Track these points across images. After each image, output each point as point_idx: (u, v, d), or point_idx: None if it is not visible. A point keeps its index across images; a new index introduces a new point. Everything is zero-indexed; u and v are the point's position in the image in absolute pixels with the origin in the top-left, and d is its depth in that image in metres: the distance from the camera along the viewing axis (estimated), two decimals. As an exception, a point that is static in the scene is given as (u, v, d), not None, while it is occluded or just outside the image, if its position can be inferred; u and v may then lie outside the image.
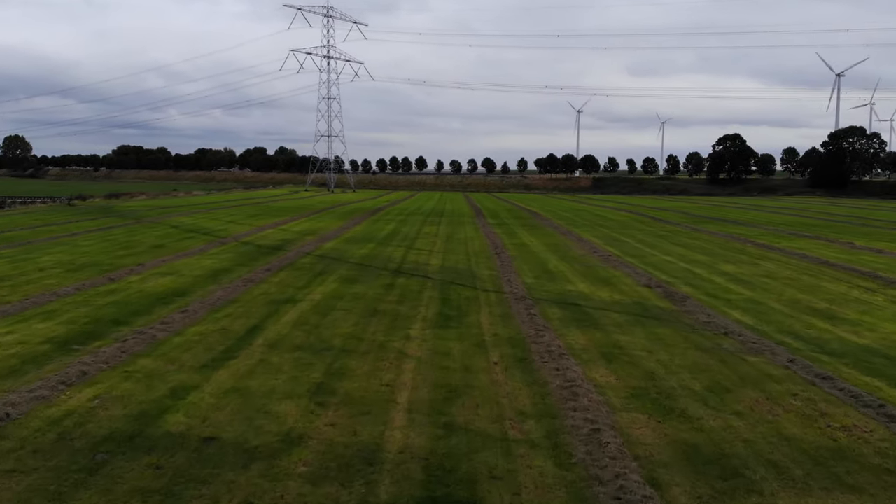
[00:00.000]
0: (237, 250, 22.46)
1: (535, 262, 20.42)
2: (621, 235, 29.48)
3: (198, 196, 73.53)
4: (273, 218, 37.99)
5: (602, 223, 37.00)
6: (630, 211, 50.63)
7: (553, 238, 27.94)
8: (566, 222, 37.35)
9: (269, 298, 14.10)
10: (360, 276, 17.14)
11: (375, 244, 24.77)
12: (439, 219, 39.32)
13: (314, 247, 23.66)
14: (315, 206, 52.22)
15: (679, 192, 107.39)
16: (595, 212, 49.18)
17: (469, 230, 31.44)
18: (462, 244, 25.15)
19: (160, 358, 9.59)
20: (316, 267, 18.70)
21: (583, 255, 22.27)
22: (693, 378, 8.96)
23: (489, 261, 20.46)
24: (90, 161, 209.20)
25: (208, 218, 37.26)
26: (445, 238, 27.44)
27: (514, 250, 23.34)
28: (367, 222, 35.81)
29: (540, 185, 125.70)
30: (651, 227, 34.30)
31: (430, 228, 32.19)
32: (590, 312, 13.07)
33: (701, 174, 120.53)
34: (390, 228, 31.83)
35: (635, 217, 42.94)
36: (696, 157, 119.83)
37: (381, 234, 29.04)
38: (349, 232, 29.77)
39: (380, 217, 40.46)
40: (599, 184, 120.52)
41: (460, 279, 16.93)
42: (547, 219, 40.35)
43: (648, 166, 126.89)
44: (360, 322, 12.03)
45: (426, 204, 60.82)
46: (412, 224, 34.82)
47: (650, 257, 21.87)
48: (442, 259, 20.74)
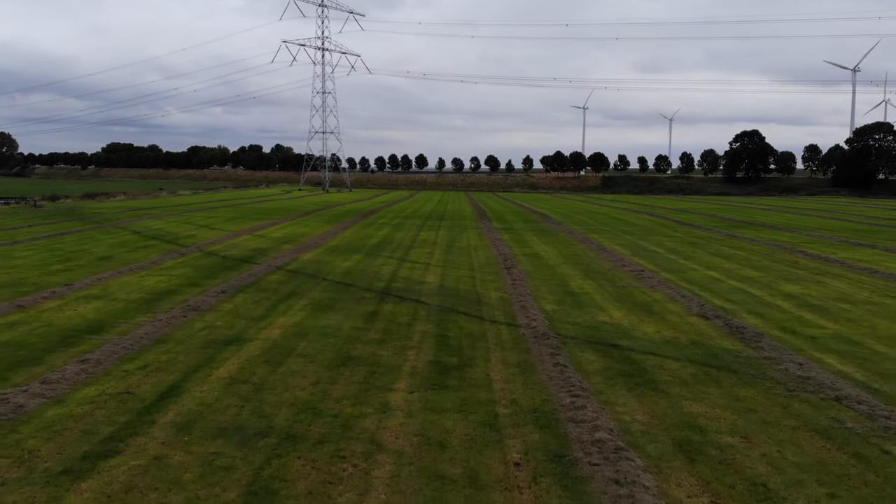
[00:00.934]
0: (196, 263, 19.32)
1: (554, 279, 17.25)
2: (648, 243, 26.29)
3: (181, 196, 70.49)
4: (253, 221, 34.87)
5: (622, 228, 33.81)
6: (649, 213, 47.43)
7: (570, 247, 24.75)
8: (582, 227, 34.16)
9: (210, 337, 10.95)
10: (336, 301, 13.98)
11: (363, 255, 21.61)
12: (439, 223, 36.17)
13: (290, 258, 20.51)
14: (304, 208, 49.11)
15: (694, 191, 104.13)
16: (611, 214, 45.98)
17: (472, 237, 28.29)
18: (465, 255, 21.99)
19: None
20: (284, 287, 15.54)
21: (609, 269, 19.09)
22: (833, 499, 5.77)
23: (497, 278, 17.30)
24: (78, 159, 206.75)
25: (180, 222, 34.15)
26: (445, 247, 24.28)
27: (527, 263, 20.17)
28: (358, 227, 32.67)
29: (546, 185, 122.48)
30: (679, 233, 31.11)
31: (428, 234, 29.03)
32: (638, 360, 9.89)
33: (717, 173, 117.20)
34: (383, 235, 28.68)
35: (657, 220, 39.73)
36: (712, 155, 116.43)
37: (371, 241, 25.88)
38: (335, 239, 26.63)
39: (373, 220, 37.31)
40: (609, 183, 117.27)
41: (462, 305, 13.77)
42: (559, 222, 37.17)
43: (661, 164, 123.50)
44: (324, 378, 8.87)
45: (425, 205, 57.69)
46: (408, 229, 31.67)
47: (691, 272, 18.68)
48: (440, 275, 17.58)
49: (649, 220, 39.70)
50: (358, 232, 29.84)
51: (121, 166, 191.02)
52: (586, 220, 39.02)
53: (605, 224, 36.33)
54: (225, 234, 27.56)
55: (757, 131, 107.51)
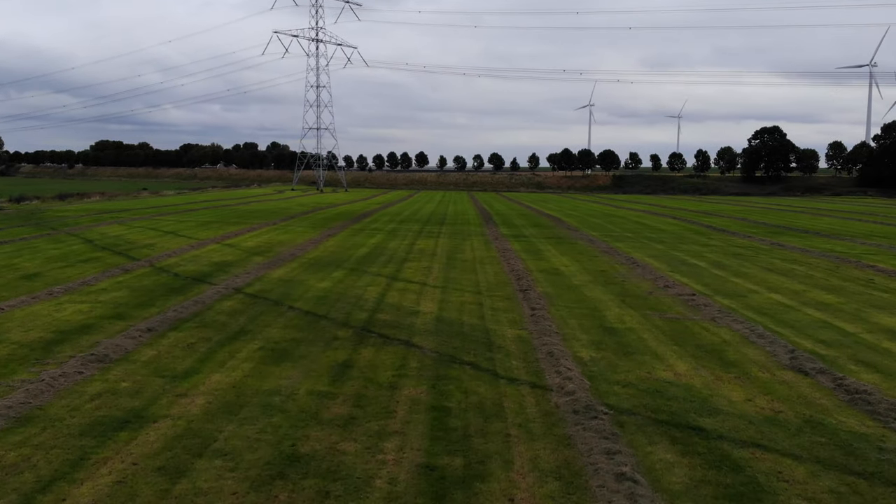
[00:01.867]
0: (137, 284, 16.05)
1: (583, 306, 13.96)
2: (685, 254, 22.97)
3: (163, 196, 67.32)
4: (229, 227, 31.61)
5: (649, 235, 30.49)
6: (672, 216, 44.09)
7: (594, 260, 21.45)
8: (602, 233, 30.84)
9: (100, 413, 7.68)
10: (297, 344, 10.71)
11: (346, 272, 18.33)
12: (439, 228, 32.88)
13: (255, 276, 17.23)
14: (291, 210, 45.86)
15: (711, 191, 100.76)
16: (631, 217, 42.65)
17: (477, 246, 25.00)
18: (469, 271, 18.70)
19: None
20: (234, 321, 12.27)
21: (650, 291, 15.79)
22: None
23: (511, 304, 14.01)
24: (65, 157, 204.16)
25: (145, 227, 30.90)
26: (446, 260, 21.01)
27: (546, 282, 16.87)
28: (347, 233, 29.39)
29: (554, 184, 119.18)
30: (715, 241, 27.78)
31: (426, 243, 25.75)
32: (741, 462, 6.58)
33: (734, 172, 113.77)
34: (373, 243, 25.40)
35: (684, 225, 36.38)
36: (729, 153, 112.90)
37: (359, 252, 22.60)
38: (317, 249, 23.35)
39: (365, 225, 34.04)
40: (620, 182, 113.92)
41: (468, 349, 10.49)
42: (574, 228, 33.86)
43: (675, 163, 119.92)
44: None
45: (425, 206, 54.41)
46: (403, 236, 28.39)
47: (752, 296, 15.36)
48: (439, 302, 14.30)
49: (675, 225, 36.36)
50: (345, 240, 26.56)
51: (109, 165, 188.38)
52: (605, 225, 35.70)
53: (628, 230, 33.01)
54: (189, 244, 24.29)
55: (777, 128, 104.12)
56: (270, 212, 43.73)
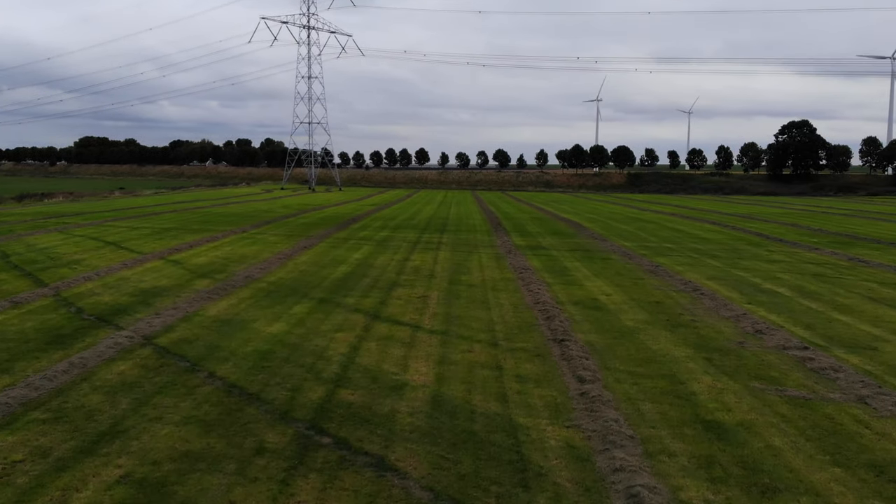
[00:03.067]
0: (15, 327, 11.78)
1: (654, 371, 9.66)
2: (753, 275, 18.64)
3: (136, 197, 63.16)
4: (188, 235, 27.36)
5: (694, 245, 26.15)
6: (709, 221, 39.72)
7: (641, 284, 17.13)
8: (636, 243, 26.51)
9: None
10: (186, 472, 6.42)
11: (311, 305, 14.04)
12: (439, 237, 28.60)
13: (184, 313, 12.95)
14: (272, 213, 41.59)
15: (735, 190, 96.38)
16: (662, 222, 38.30)
17: (487, 262, 20.71)
18: (479, 304, 14.41)
19: None
20: (113, 406, 7.98)
21: (741, 342, 11.46)
22: None
23: (546, 370, 9.71)
24: (46, 154, 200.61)
25: (85, 237, 26.65)
26: (447, 284, 16.72)
27: (588, 324, 12.57)
28: (327, 244, 25.10)
29: (563, 183, 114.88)
30: (778, 254, 23.45)
31: (422, 258, 21.48)
32: None
33: (759, 169, 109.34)
34: (357, 259, 21.12)
35: (731, 233, 32.01)
36: (753, 149, 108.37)
37: (336, 273, 18.31)
38: (283, 268, 19.07)
39: (352, 233, 29.76)
40: (635, 180, 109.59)
41: (482, 485, 6.20)
42: (600, 235, 29.55)
43: (694, 160, 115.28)
44: None
45: (424, 209, 50.12)
46: (396, 248, 24.11)
47: (885, 347, 11.04)
48: (437, 362, 10.00)
49: (718, 232, 32.02)
50: (323, 254, 22.28)
51: (93, 162, 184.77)
52: (636, 233, 31.37)
53: (666, 239, 28.66)
54: (124, 260, 20.03)
55: (807, 122, 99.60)
56: (246, 215, 39.47)
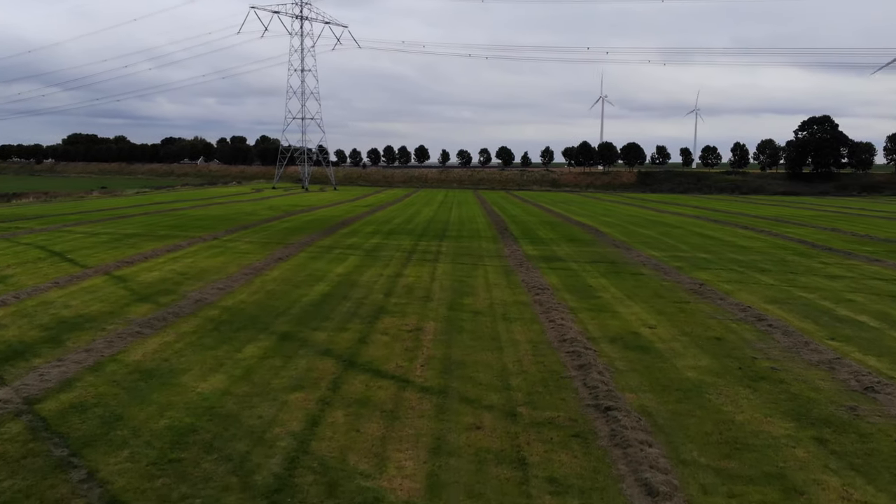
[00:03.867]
0: None
1: (748, 466, 6.66)
2: (818, 297, 15.59)
3: (114, 198, 60.23)
4: (150, 243, 24.38)
5: (735, 256, 23.10)
6: (738, 225, 36.65)
7: (689, 310, 14.11)
8: (667, 253, 23.47)
9: None
10: None
11: (268, 344, 11.02)
12: (438, 245, 25.61)
13: (94, 360, 9.95)
14: (255, 216, 38.58)
15: (752, 190, 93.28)
16: (687, 227, 35.25)
17: (496, 279, 17.70)
18: (487, 342, 11.39)
19: None
20: None
21: (846, 403, 8.46)
22: None
23: (589, 462, 6.71)
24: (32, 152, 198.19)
25: (29, 246, 23.67)
26: (447, 310, 13.72)
27: (632, 371, 9.55)
28: (307, 254, 22.11)
29: (571, 182, 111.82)
30: (836, 269, 20.41)
31: (417, 274, 18.48)
32: None
33: (776, 168, 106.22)
34: (338, 275, 18.11)
35: (771, 240, 28.94)
36: (771, 147, 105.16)
37: (309, 295, 15.30)
38: (247, 287, 16.07)
39: (338, 240, 26.77)
40: (647, 179, 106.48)
41: None
42: (622, 242, 26.51)
43: (708, 157, 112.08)
44: None
45: (423, 210, 47.10)
46: (387, 259, 21.12)
47: None
48: (429, 451, 7.00)
49: (753, 238, 28.97)
50: (300, 267, 19.28)
51: (80, 160, 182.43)
52: (662, 239, 28.33)
53: (699, 247, 25.60)
54: (59, 277, 17.03)
55: (828, 118, 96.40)
56: (225, 218, 36.47)
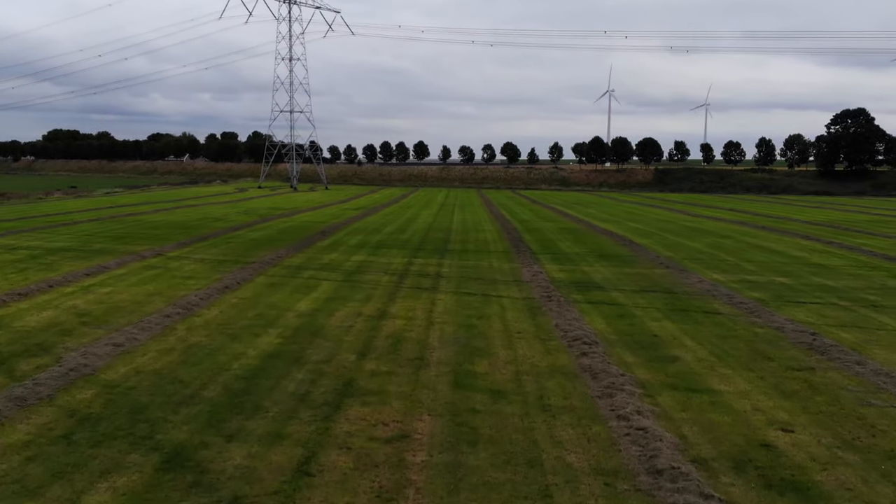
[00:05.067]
0: None
1: None
2: None
3: (80, 199, 55.74)
4: (73, 263, 19.87)
5: (820, 281, 18.49)
6: (798, 234, 32.02)
7: (816, 385, 9.54)
8: (732, 277, 18.85)
9: None
10: None
11: (123, 496, 6.46)
12: (438, 262, 21.05)
13: None
14: (223, 222, 34.03)
15: (781, 189, 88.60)
16: (739, 237, 30.62)
17: (516, 322, 13.10)
18: (520, 455, 6.82)
19: None
20: None
21: None
22: None
23: None
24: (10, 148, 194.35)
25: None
26: (450, 388, 9.17)
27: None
28: (266, 279, 17.53)
29: (582, 180, 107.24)
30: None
31: (408, 312, 13.89)
32: None
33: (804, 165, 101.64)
34: (298, 316, 13.52)
35: (846, 255, 24.30)
36: (800, 142, 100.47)
37: (242, 361, 10.72)
38: (158, 342, 11.50)
39: (313, 256, 22.21)
40: (664, 177, 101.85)
41: None
42: (667, 259, 21.93)
43: (731, 153, 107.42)
44: None
45: (421, 213, 42.52)
46: (371, 287, 16.54)
47: None
48: None
49: (827, 253, 24.37)
50: (250, 302, 14.69)
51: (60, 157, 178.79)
52: (714, 254, 23.73)
53: (766, 266, 20.94)
54: None
55: (863, 110, 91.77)
56: (186, 226, 31.91)
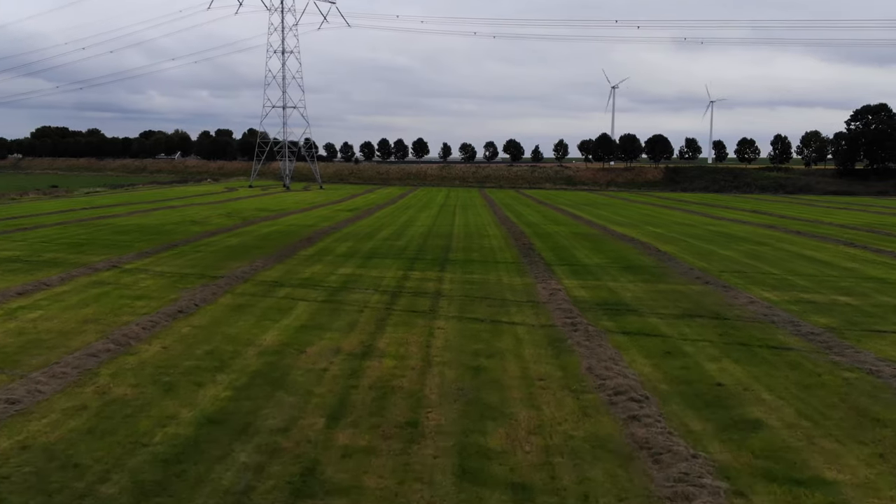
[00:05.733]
0: None
1: None
2: None
3: (57, 199, 53.29)
4: (13, 277, 17.35)
5: (888, 300, 15.95)
6: (836, 240, 29.43)
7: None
8: (787, 296, 16.27)
9: None
10: None
11: None
12: (438, 276, 18.51)
13: None
14: (203, 225, 31.51)
15: (798, 188, 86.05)
16: (775, 244, 28.04)
17: (537, 361, 10.55)
18: None
19: None
20: None
21: None
22: None
23: None
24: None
25: None
26: (453, 476, 6.62)
27: None
28: (230, 301, 15.00)
29: (588, 179, 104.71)
30: None
31: (399, 345, 11.34)
32: None
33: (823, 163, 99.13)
34: (261, 352, 10.98)
35: (900, 264, 21.79)
36: (817, 139, 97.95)
37: (170, 428, 8.18)
38: (81, 389, 8.96)
39: (295, 267, 19.70)
40: (675, 176, 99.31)
41: None
42: (702, 271, 19.38)
43: (745, 151, 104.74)
44: None
45: (419, 216, 39.99)
46: (357, 311, 13.99)
47: None
48: None
49: (888, 266, 21.83)
50: (206, 333, 12.15)
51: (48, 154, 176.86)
52: (754, 265, 21.17)
53: (821, 281, 18.34)
54: None
55: (885, 106, 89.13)
56: (158, 231, 29.39)
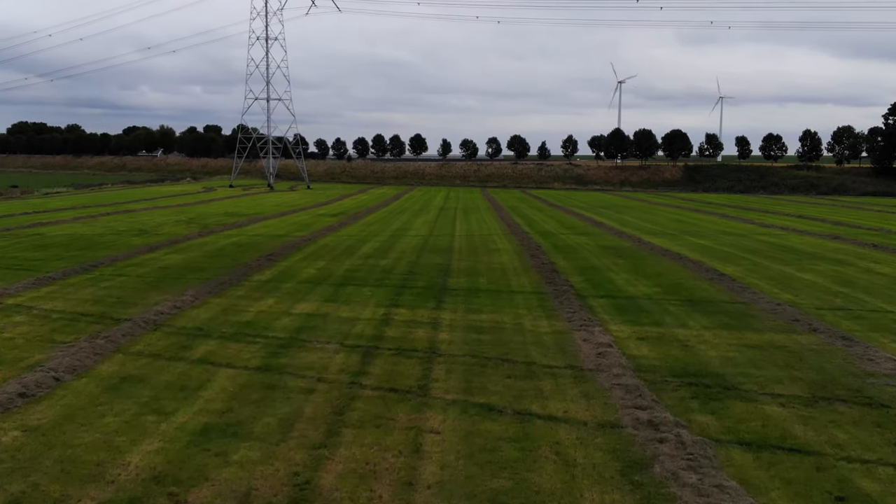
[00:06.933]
0: None
1: None
2: None
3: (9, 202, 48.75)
4: None
5: None
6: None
7: None
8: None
9: None
10: None
11: None
12: (434, 317, 13.94)
13: None
14: (153, 235, 26.96)
15: (831, 189, 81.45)
16: (866, 266, 23.46)
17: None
18: None
19: None
20: None
21: None
22: None
23: None
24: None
25: None
26: None
27: None
28: (114, 369, 10.47)
29: (600, 178, 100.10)
30: None
31: (362, 464, 6.79)
32: None
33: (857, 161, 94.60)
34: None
35: None
36: (850, 135, 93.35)
37: None
38: None
39: (236, 302, 15.17)
40: (695, 175, 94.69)
41: None
42: (791, 306, 14.83)
43: (771, 148, 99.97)
44: None
45: (414, 223, 35.38)
46: (304, 377, 9.46)
47: None
48: None
49: None
50: (31, 449, 7.65)
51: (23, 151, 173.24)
52: (857, 298, 16.60)
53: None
54: None
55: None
56: (90, 244, 24.82)
